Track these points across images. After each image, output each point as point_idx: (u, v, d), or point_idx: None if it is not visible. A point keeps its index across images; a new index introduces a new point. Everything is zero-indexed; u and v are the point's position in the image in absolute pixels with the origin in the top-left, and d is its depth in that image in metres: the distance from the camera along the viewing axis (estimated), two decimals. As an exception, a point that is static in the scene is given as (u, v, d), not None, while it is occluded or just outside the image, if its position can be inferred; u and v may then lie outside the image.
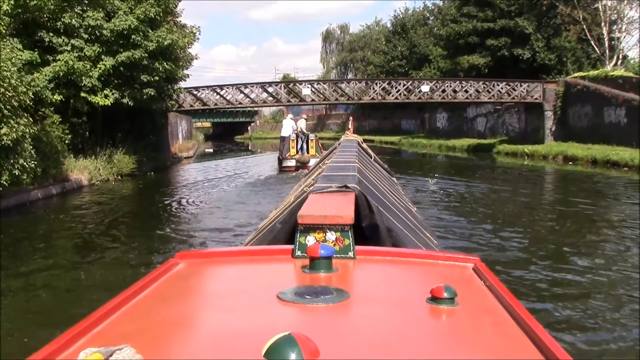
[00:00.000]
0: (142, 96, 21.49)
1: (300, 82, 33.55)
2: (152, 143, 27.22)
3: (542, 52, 38.11)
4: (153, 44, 21.00)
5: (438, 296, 1.74)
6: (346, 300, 1.78)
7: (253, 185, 20.03)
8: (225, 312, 1.78)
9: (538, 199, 16.15)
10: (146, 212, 15.17)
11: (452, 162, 31.75)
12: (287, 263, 2.35)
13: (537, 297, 6.74)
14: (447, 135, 44.72)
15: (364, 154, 8.44)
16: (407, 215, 4.74)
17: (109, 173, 21.38)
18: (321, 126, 74.97)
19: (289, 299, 1.78)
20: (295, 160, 23.11)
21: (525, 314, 1.67)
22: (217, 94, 30.86)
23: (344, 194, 3.03)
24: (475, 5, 41.30)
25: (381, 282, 2.12)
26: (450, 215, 12.59)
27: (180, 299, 1.94)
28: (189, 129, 58.12)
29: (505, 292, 1.87)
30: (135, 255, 9.63)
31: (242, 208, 14.12)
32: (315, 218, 2.45)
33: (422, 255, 2.52)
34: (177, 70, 23.59)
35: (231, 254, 2.66)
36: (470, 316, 1.74)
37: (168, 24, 23.27)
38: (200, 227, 12.20)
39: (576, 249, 9.32)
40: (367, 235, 2.98)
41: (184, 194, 18.53)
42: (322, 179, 3.80)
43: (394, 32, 58.26)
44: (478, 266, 2.21)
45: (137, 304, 1.83)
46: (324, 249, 2.11)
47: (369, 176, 5.24)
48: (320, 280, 2.05)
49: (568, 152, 27.06)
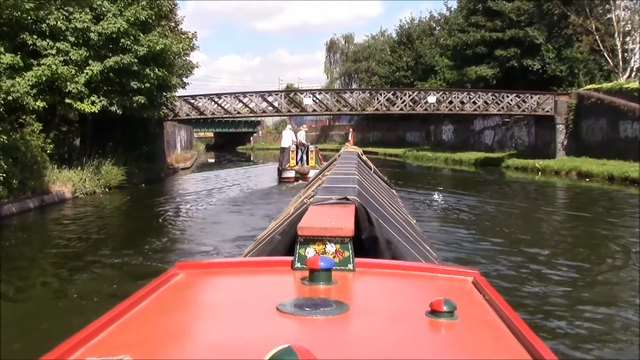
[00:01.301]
0: (131, 104, 20.23)
1: (302, 92, 32.20)
2: (145, 153, 25.99)
3: (553, 63, 36.77)
4: (144, 48, 19.75)
5: (437, 310, 1.72)
6: (346, 313, 1.78)
7: (248, 197, 19.45)
8: (224, 323, 1.79)
9: (561, 223, 14.77)
10: (128, 228, 13.90)
11: (459, 177, 30.40)
12: (287, 275, 2.34)
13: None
14: (453, 148, 43.39)
15: (364, 166, 8.37)
16: (407, 228, 4.70)
17: (96, 185, 20.12)
18: (324, 137, 73.83)
19: (289, 311, 1.76)
20: (295, 172, 22.94)
21: (525, 328, 1.65)
22: (215, 103, 29.62)
23: (343, 206, 3.04)
24: (483, 15, 40.09)
25: (381, 295, 2.13)
26: (471, 243, 11.15)
27: (180, 310, 1.94)
28: (189, 138, 57.03)
29: (504, 307, 1.85)
30: (106, 286, 8.28)
31: (234, 223, 13.42)
32: (315, 230, 2.44)
33: (421, 268, 2.54)
34: (171, 77, 22.30)
35: (230, 264, 2.62)
36: (469, 330, 1.74)
37: (162, 29, 22.00)
38: (186, 247, 11.15)
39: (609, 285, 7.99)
40: (367, 248, 2.97)
41: (173, 208, 17.53)
42: (322, 190, 3.76)
43: (399, 42, 57.15)
44: (477, 280, 2.20)
45: (137, 315, 1.81)
46: (324, 261, 2.10)
47: (369, 188, 5.18)
48: (319, 292, 2.03)
49: (582, 167, 25.66)
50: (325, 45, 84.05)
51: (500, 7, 38.82)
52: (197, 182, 27.29)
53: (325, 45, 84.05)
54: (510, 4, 38.47)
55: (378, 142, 59.71)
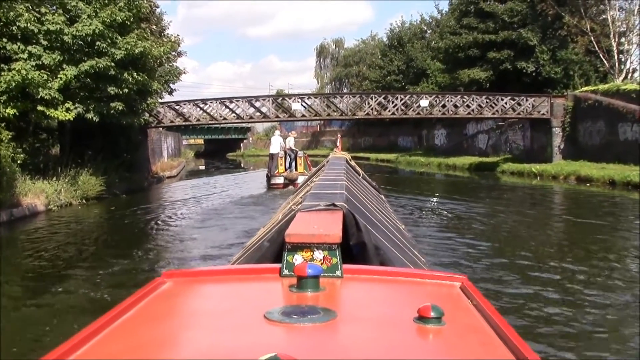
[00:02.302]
0: (109, 110, 19.14)
1: (290, 97, 31.15)
2: (127, 162, 24.91)
3: (547, 65, 35.92)
4: (121, 51, 18.71)
5: (425, 315, 1.72)
6: (333, 320, 1.77)
7: (234, 204, 18.94)
8: (211, 332, 1.77)
9: (568, 231, 13.80)
10: (99, 244, 12.78)
11: (454, 182, 29.45)
12: (275, 282, 2.31)
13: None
14: (446, 152, 42.47)
15: (352, 172, 8.23)
16: (395, 234, 4.65)
17: (72, 196, 19.02)
18: (315, 143, 72.88)
19: (276, 319, 1.75)
20: (284, 178, 23.01)
21: (513, 333, 1.65)
22: (199, 109, 28.57)
23: (331, 212, 3.00)
24: (475, 17, 39.26)
25: (368, 301, 2.12)
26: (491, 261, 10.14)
27: (166, 319, 1.92)
28: (177, 146, 55.98)
29: (492, 312, 1.85)
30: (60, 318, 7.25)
31: (209, 236, 12.65)
32: (303, 237, 2.42)
33: (409, 274, 2.49)
34: (151, 83, 21.23)
35: (218, 272, 2.57)
36: (457, 336, 1.73)
37: (141, 31, 20.92)
38: (161, 265, 10.13)
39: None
40: (355, 254, 2.95)
41: (151, 219, 16.56)
42: (310, 197, 3.77)
43: (390, 45, 56.27)
44: (465, 285, 2.18)
45: (123, 324, 1.80)
46: (312, 268, 2.08)
47: (357, 194, 5.11)
48: (307, 299, 2.02)
49: (581, 172, 24.75)
50: (315, 50, 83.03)
51: (492, 9, 38.02)
52: (182, 191, 26.40)
53: (315, 50, 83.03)
54: (503, 5, 37.65)
55: (370, 148, 58.92)
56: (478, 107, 30.72)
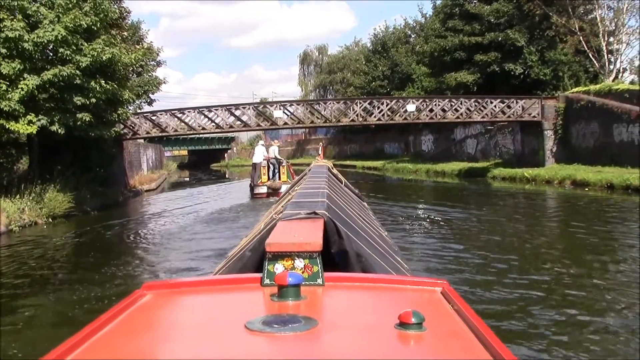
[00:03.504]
0: (75, 122, 17.85)
1: (272, 104, 29.90)
2: (100, 176, 23.62)
3: (536, 66, 34.96)
4: (87, 58, 17.44)
5: (406, 321, 1.71)
6: (314, 328, 1.74)
7: (214, 218, 18.07)
8: (192, 344, 1.73)
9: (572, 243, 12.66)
10: (57, 269, 11.46)
11: (444, 189, 28.31)
12: (256, 292, 2.27)
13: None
14: (433, 159, 41.38)
15: (334, 180, 8.11)
16: (377, 240, 4.52)
17: (37, 215, 17.69)
18: (300, 151, 71.76)
19: (257, 329, 1.73)
20: (267, 187, 22.95)
21: (493, 338, 1.63)
22: (177, 119, 27.30)
23: (312, 220, 2.97)
24: (461, 19, 38.30)
25: (350, 309, 2.10)
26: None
27: (147, 332, 1.89)
28: (159, 157, 54.58)
29: (473, 316, 1.83)
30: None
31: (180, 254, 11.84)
32: (283, 245, 2.39)
33: (390, 281, 2.48)
34: (122, 92, 19.93)
35: (199, 283, 2.51)
36: (438, 341, 1.72)
37: (109, 37, 19.59)
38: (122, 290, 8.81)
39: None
40: (337, 262, 2.92)
41: (120, 237, 15.46)
42: (291, 205, 3.64)
43: (374, 51, 55.31)
44: (446, 290, 2.15)
45: (102, 338, 1.75)
46: (292, 277, 2.05)
47: (339, 202, 5.01)
48: (288, 308, 1.99)
49: (577, 175, 23.72)
50: (298, 57, 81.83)
51: (478, 10, 37.08)
52: (160, 204, 25.19)
53: (298, 57, 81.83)
54: (488, 7, 36.71)
55: (356, 155, 57.95)
56: (467, 111, 29.69)
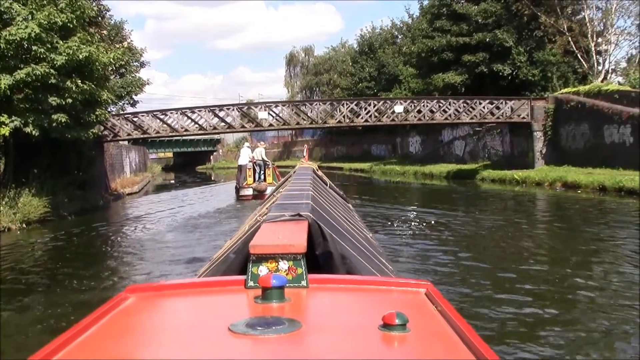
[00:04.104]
0: (50, 123, 17.14)
1: (256, 105, 29.22)
2: (79, 179, 22.86)
3: (525, 67, 34.56)
4: (62, 57, 16.73)
5: (390, 323, 1.70)
6: (298, 330, 1.73)
7: (193, 224, 17.28)
8: (175, 347, 1.72)
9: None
10: (24, 278, 10.77)
11: (432, 191, 27.86)
12: (240, 294, 2.23)
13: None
14: (421, 160, 40.91)
15: (319, 181, 8.08)
16: (362, 242, 4.42)
17: (11, 220, 16.96)
18: (287, 154, 71.06)
19: (241, 331, 1.71)
20: (253, 189, 22.96)
21: (477, 339, 1.63)
22: (159, 120, 26.59)
23: (296, 222, 2.95)
24: (448, 19, 37.87)
25: (334, 311, 2.09)
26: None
27: (130, 335, 1.88)
28: (142, 160, 53.72)
29: (457, 317, 1.82)
30: None
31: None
32: (267, 248, 2.34)
33: (374, 282, 2.45)
34: (100, 92, 19.21)
35: (183, 286, 2.46)
36: (421, 342, 1.72)
37: (84, 35, 18.84)
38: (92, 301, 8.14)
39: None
40: (322, 263, 2.90)
41: (98, 244, 14.79)
42: (275, 207, 3.61)
43: (360, 52, 54.83)
44: (430, 291, 2.14)
45: (84, 342, 1.72)
46: (276, 279, 2.02)
47: (323, 204, 4.91)
48: (272, 310, 1.96)
49: (568, 177, 23.29)
50: (284, 58, 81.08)
51: (466, 10, 36.65)
52: (143, 208, 24.51)
53: (284, 58, 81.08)
54: (476, 7, 36.29)
55: (343, 157, 57.43)
56: (455, 112, 29.20)
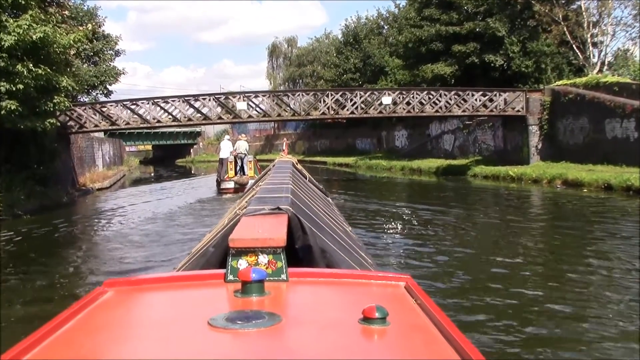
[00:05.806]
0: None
1: (234, 94, 27.35)
2: (39, 174, 20.90)
3: (518, 57, 32.98)
4: (11, 37, 14.82)
5: (369, 316, 1.71)
6: (278, 324, 1.74)
7: (167, 221, 16.28)
8: (154, 341, 1.72)
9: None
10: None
11: (423, 188, 26.18)
12: (219, 288, 2.25)
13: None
14: (408, 155, 39.22)
15: (299, 175, 7.71)
16: (342, 236, 4.31)
17: (-45, 221, 15.06)
18: (269, 147, 69.12)
19: (220, 325, 1.71)
20: (234, 182, 22.89)
21: (455, 331, 1.64)
22: (129, 110, 24.66)
23: (276, 216, 2.93)
24: (438, 7, 36.17)
25: (313, 304, 2.10)
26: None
27: (107, 330, 1.86)
28: (118, 153, 51.62)
29: (436, 310, 1.84)
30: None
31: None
32: (247, 241, 2.35)
33: (354, 276, 2.48)
34: (59, 78, 17.28)
35: (161, 280, 2.45)
36: (401, 335, 1.73)
37: (50, 16, 16.96)
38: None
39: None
40: (301, 257, 2.90)
41: (48, 246, 13.16)
42: (255, 201, 3.56)
43: (345, 42, 53.01)
44: (410, 284, 2.16)
45: (61, 337, 1.72)
46: (256, 273, 2.04)
47: (303, 197, 4.77)
48: (252, 304, 1.97)
49: (568, 175, 21.73)
50: (267, 49, 78.83)
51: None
52: (110, 204, 22.79)
53: (267, 49, 78.83)
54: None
55: (326, 151, 55.70)
56: (446, 104, 27.55)
